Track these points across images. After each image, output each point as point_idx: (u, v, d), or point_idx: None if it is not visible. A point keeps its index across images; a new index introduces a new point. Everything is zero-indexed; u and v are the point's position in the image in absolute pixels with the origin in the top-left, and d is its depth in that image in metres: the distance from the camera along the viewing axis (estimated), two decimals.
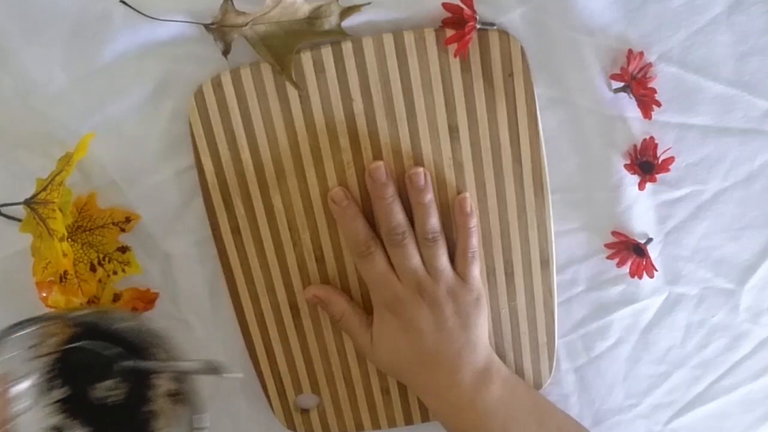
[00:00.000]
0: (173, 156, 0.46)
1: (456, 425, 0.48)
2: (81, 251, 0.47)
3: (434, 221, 0.46)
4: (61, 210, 0.44)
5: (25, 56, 0.43)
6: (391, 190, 0.46)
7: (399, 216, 0.46)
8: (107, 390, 0.46)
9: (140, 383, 0.46)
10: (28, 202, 0.44)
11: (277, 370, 0.51)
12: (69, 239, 0.45)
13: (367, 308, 0.50)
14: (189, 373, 0.44)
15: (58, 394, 0.45)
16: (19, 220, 0.46)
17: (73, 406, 0.46)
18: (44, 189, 0.44)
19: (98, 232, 0.47)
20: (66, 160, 0.44)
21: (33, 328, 0.42)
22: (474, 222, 0.47)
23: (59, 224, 0.43)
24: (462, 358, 0.47)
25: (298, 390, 0.52)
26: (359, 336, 0.49)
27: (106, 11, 0.42)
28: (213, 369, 0.41)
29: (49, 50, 0.43)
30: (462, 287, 0.47)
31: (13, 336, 0.41)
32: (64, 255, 0.44)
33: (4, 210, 0.46)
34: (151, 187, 0.47)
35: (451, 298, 0.47)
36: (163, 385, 0.46)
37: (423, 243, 0.46)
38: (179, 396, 0.45)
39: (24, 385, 0.44)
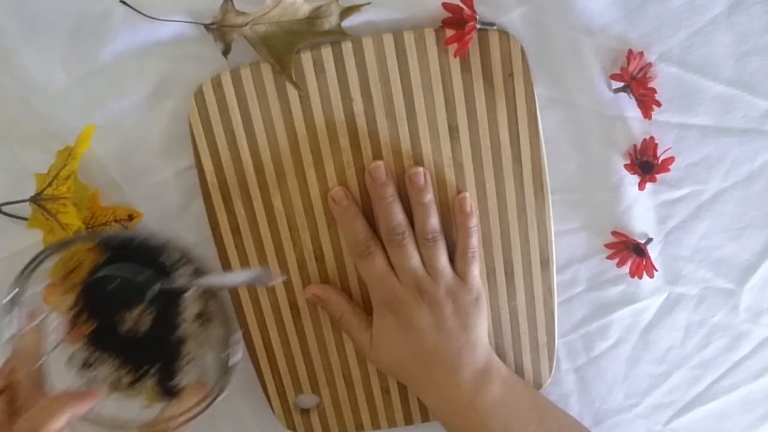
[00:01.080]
0: (173, 156, 0.46)
1: (456, 425, 0.48)
2: None
3: (434, 221, 0.46)
4: (75, 205, 0.44)
5: (25, 56, 0.43)
6: (390, 190, 0.46)
7: (399, 216, 0.46)
8: (136, 319, 0.43)
9: (168, 308, 0.44)
10: (35, 199, 0.44)
11: (277, 370, 0.51)
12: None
13: (367, 308, 0.50)
14: (232, 285, 0.39)
15: (86, 327, 0.43)
16: (23, 219, 0.46)
17: (101, 337, 0.44)
18: (49, 185, 0.44)
19: (100, 229, 0.47)
20: (66, 154, 0.44)
21: (60, 252, 0.41)
22: (474, 222, 0.47)
23: (72, 218, 0.44)
24: (462, 358, 0.47)
25: (298, 390, 0.52)
26: (359, 336, 0.49)
27: (106, 11, 0.42)
28: (260, 278, 0.37)
29: (49, 50, 0.43)
30: (461, 287, 0.47)
31: (40, 266, 0.40)
32: None
33: (6, 209, 0.46)
34: (151, 187, 0.47)
35: (450, 298, 0.47)
36: (191, 306, 0.44)
37: (423, 243, 0.46)
38: (207, 317, 0.44)
39: (53, 319, 0.42)
